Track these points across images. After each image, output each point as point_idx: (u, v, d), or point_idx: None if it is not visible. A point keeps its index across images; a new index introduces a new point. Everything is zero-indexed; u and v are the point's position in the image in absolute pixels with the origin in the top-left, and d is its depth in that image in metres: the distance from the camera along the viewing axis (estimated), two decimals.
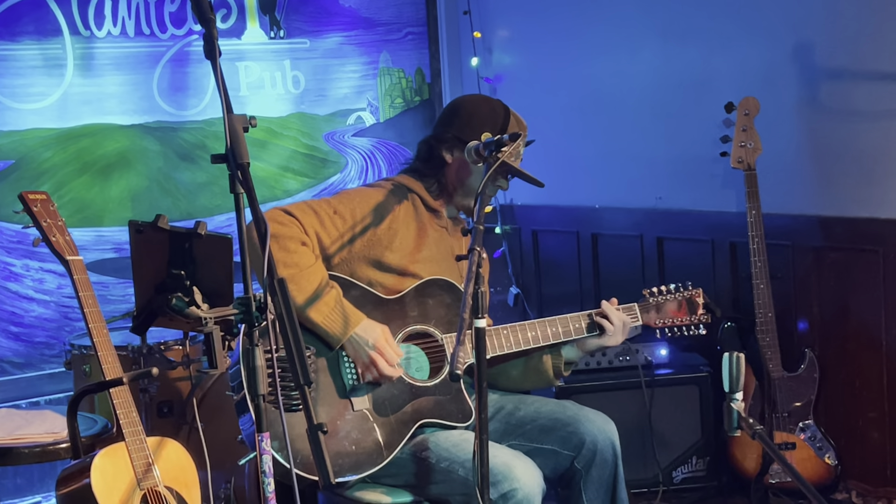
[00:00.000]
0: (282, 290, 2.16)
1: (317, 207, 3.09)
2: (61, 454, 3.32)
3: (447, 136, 3.21)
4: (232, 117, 2.21)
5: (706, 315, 3.35)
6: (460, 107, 3.28)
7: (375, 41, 5.61)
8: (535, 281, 5.48)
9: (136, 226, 2.65)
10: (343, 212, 3.10)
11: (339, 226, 3.09)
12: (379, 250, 3.13)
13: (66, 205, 4.71)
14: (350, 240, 3.10)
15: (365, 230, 3.12)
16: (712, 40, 4.60)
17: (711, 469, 4.30)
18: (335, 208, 3.10)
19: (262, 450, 2.24)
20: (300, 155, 5.41)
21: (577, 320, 3.22)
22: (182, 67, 5.02)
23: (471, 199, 3.20)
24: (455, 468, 2.95)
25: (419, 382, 3.09)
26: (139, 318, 2.66)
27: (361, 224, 3.11)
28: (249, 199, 2.19)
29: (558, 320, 3.20)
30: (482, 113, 3.21)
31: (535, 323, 3.18)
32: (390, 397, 3.05)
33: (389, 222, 3.14)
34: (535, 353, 3.26)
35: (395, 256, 3.14)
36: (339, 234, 3.08)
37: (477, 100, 3.37)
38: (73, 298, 2.99)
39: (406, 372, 3.09)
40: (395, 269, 3.15)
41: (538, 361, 3.27)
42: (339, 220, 3.09)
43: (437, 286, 3.16)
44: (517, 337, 3.15)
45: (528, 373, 3.31)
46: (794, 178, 4.34)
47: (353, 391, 3.01)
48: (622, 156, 5.04)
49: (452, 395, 3.11)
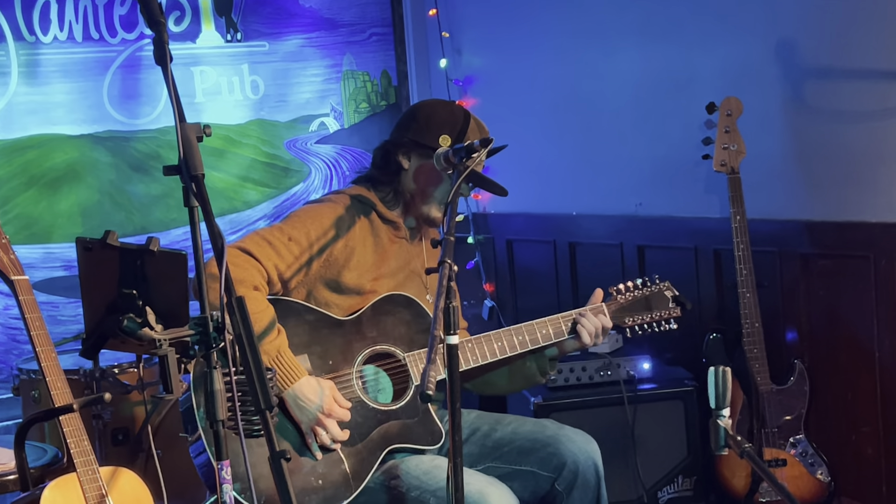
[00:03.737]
0: (240, 309, 2.14)
1: (270, 238, 3.08)
2: (9, 486, 3.28)
3: (404, 141, 3.21)
4: (185, 126, 2.19)
5: (676, 308, 3.36)
6: (418, 110, 3.29)
7: (338, 43, 5.59)
8: (511, 293, 5.47)
9: (83, 243, 2.62)
10: (297, 237, 3.10)
11: (296, 251, 3.09)
12: (335, 270, 3.13)
13: (11, 221, 4.67)
14: (307, 262, 3.10)
15: (321, 251, 3.12)
16: (692, 38, 4.61)
17: (698, 489, 4.30)
18: (289, 235, 3.10)
19: (223, 479, 2.22)
20: (260, 164, 5.38)
21: (546, 326, 3.22)
22: (134, 74, 4.99)
23: (431, 206, 3.21)
24: (426, 498, 2.95)
25: (384, 407, 3.09)
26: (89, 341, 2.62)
27: (317, 245, 3.12)
28: (204, 213, 2.17)
29: (524, 328, 3.21)
30: (440, 116, 3.21)
31: (501, 333, 3.17)
32: (355, 425, 3.04)
33: (346, 241, 3.15)
34: (515, 360, 3.25)
35: (353, 276, 3.14)
36: (295, 259, 3.09)
37: (435, 103, 3.37)
38: (20, 320, 2.97)
39: (370, 397, 3.08)
40: (353, 289, 3.15)
41: (522, 366, 3.28)
42: (295, 246, 3.09)
43: (394, 303, 3.16)
44: (483, 349, 3.14)
45: (514, 379, 3.32)
46: (779, 182, 4.35)
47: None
48: (600, 160, 5.04)
49: (420, 417, 3.11)
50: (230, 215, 5.22)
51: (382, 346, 3.12)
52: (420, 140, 3.17)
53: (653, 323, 3.33)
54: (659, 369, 4.41)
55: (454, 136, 3.13)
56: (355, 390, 3.07)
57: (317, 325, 3.08)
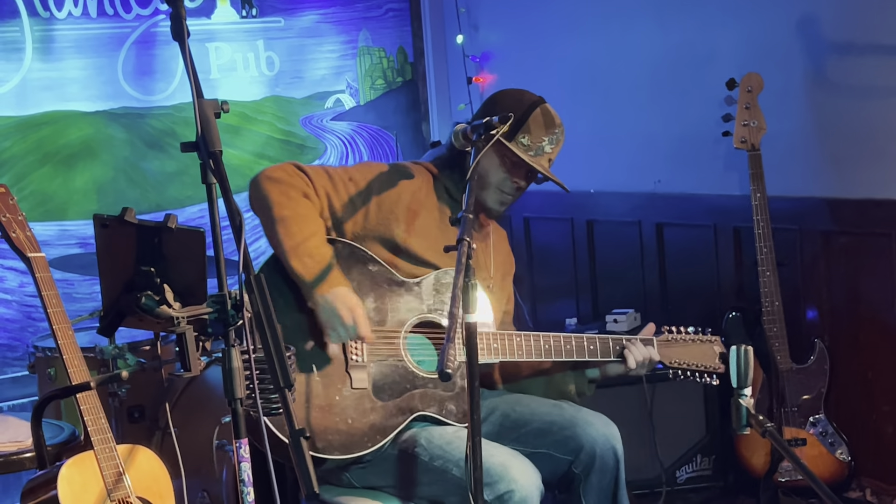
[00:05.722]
0: (259, 287, 2.14)
1: (331, 171, 3.12)
2: (26, 464, 3.31)
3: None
4: (202, 102, 2.18)
5: (721, 366, 3.34)
6: (496, 97, 3.25)
7: (354, 19, 5.58)
8: (528, 271, 5.46)
9: (101, 220, 2.62)
10: (358, 179, 3.12)
11: (353, 191, 3.10)
12: (395, 230, 3.12)
13: (26, 198, 4.68)
14: (364, 208, 3.10)
15: (381, 204, 3.12)
16: (712, 13, 4.58)
17: (717, 468, 4.30)
18: (350, 175, 3.12)
19: (241, 457, 2.23)
20: (276, 141, 5.38)
21: (595, 342, 3.19)
22: (148, 49, 4.99)
23: (486, 194, 3.20)
24: (450, 468, 2.95)
25: (422, 373, 3.09)
26: (106, 319, 2.63)
27: (377, 196, 3.12)
28: (222, 190, 2.17)
29: (574, 338, 3.17)
30: (506, 102, 3.17)
31: (550, 335, 3.15)
32: (391, 383, 3.06)
33: (409, 202, 3.15)
34: (556, 373, 3.26)
35: (414, 241, 3.14)
36: (350, 199, 3.09)
37: (511, 91, 3.31)
38: (36, 297, 2.97)
39: (412, 360, 3.08)
40: (413, 254, 3.14)
41: (560, 381, 3.28)
42: (353, 186, 3.10)
43: None
44: (530, 346, 3.13)
45: (549, 391, 3.30)
46: (800, 159, 4.33)
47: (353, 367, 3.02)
48: (618, 137, 5.02)
49: (455, 393, 3.11)
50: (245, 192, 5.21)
51: (434, 316, 3.13)
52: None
53: (696, 372, 3.31)
54: None
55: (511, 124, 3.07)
56: (399, 350, 3.08)
57: (377, 278, 3.08)
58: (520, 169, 3.17)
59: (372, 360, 3.05)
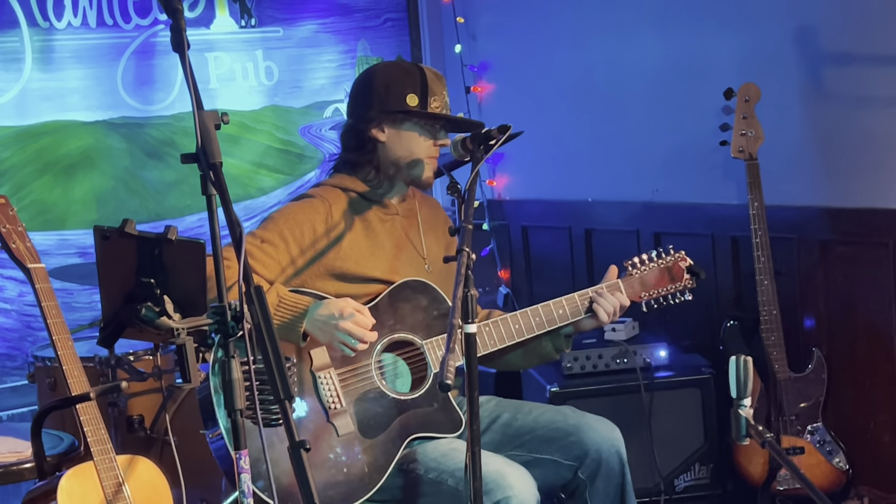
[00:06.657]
0: (259, 298, 2.14)
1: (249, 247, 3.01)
2: (25, 475, 3.29)
3: (371, 115, 3.15)
4: (202, 114, 2.18)
5: (691, 280, 3.32)
6: (372, 80, 3.19)
7: (353, 28, 5.58)
8: (526, 280, 5.47)
9: (101, 231, 2.62)
10: (271, 238, 3.05)
11: (273, 253, 3.04)
12: (328, 261, 3.10)
13: (26, 207, 4.67)
14: (290, 260, 3.06)
15: (302, 246, 3.08)
16: (710, 23, 4.59)
17: (715, 476, 4.29)
18: (261, 238, 3.05)
19: (241, 468, 2.22)
20: (275, 150, 5.38)
21: (562, 305, 3.18)
22: (148, 60, 4.99)
23: (420, 167, 3.16)
24: (444, 479, 2.95)
25: (403, 396, 3.08)
26: (107, 330, 2.63)
27: (295, 241, 3.07)
28: (223, 201, 2.16)
29: (541, 309, 3.16)
30: (397, 77, 3.16)
31: (518, 315, 3.15)
32: (375, 416, 3.04)
33: (325, 229, 3.10)
34: (531, 340, 3.23)
35: (350, 263, 3.11)
36: (275, 262, 3.05)
37: (383, 68, 3.29)
38: (35, 306, 2.97)
39: (388, 386, 3.07)
40: (356, 276, 3.12)
41: (538, 346, 3.26)
42: (271, 248, 3.04)
43: (411, 289, 3.14)
44: (500, 332, 3.13)
45: (529, 358, 3.30)
46: (798, 168, 4.33)
47: (335, 415, 2.99)
48: (616, 146, 5.03)
49: (440, 405, 3.10)
50: (245, 202, 5.22)
51: (401, 334, 3.11)
52: (388, 108, 3.12)
53: (668, 295, 3.29)
54: (675, 357, 4.40)
55: (418, 91, 3.10)
56: (374, 381, 3.06)
57: None
58: (440, 130, 3.17)
59: (350, 400, 3.03)
